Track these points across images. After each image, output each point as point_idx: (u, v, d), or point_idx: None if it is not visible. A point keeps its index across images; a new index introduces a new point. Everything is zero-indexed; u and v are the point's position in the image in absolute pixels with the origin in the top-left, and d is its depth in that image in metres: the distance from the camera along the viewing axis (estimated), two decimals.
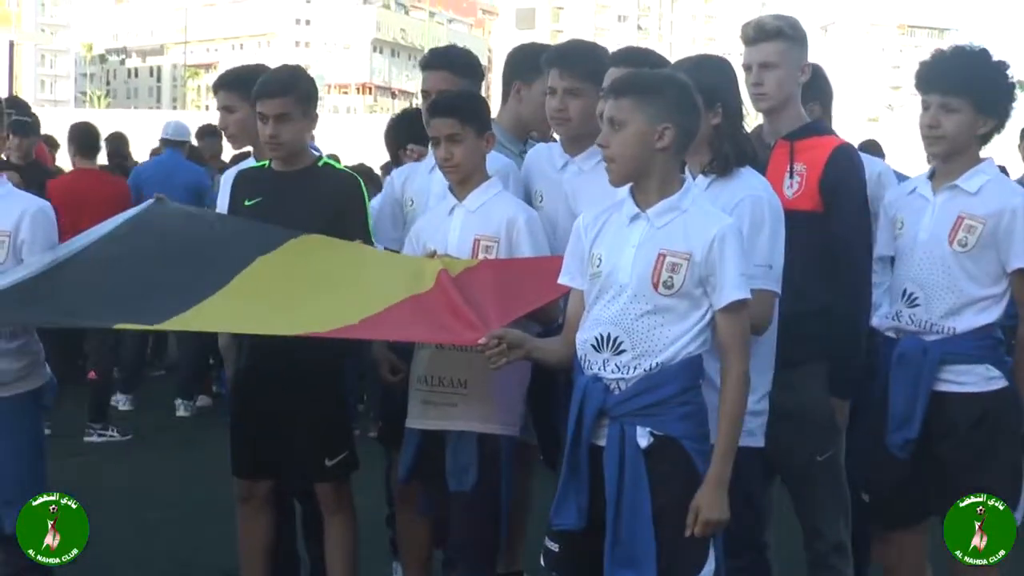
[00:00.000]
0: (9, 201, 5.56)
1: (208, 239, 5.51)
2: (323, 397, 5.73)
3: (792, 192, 5.35)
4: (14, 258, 5.43)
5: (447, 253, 5.30)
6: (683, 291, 4.34)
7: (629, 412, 4.34)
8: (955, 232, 4.99)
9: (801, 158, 5.43)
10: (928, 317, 5.03)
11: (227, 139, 6.73)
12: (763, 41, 5.55)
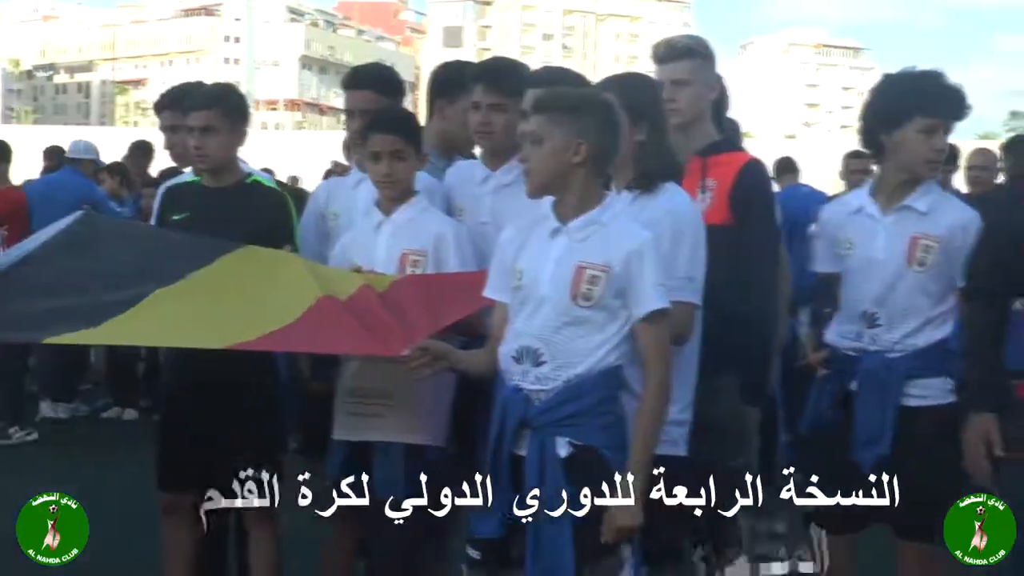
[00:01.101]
0: None
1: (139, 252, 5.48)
2: (247, 409, 5.70)
3: (704, 206, 5.37)
4: None
5: (373, 268, 5.30)
6: (602, 303, 4.36)
7: (549, 422, 4.36)
8: (913, 253, 5.05)
9: (712, 173, 5.48)
10: (891, 336, 5.10)
11: (173, 159, 6.70)
12: (674, 60, 5.64)
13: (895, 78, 5.33)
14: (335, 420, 5.38)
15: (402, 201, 5.43)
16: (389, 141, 5.35)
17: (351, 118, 6.07)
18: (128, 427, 12.08)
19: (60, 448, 11.05)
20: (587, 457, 4.35)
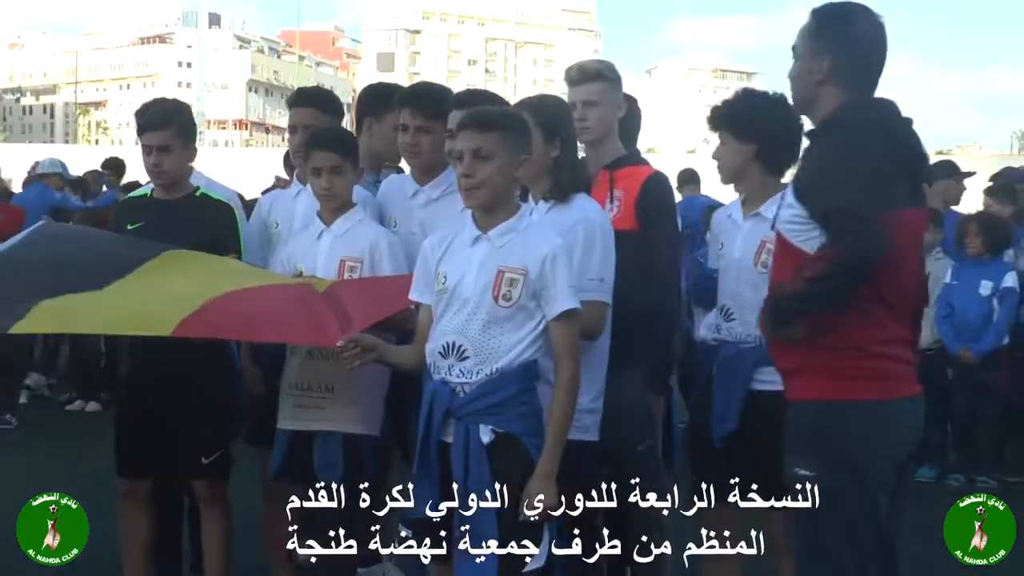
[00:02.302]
0: None
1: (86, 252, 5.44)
2: (200, 400, 5.66)
3: (612, 215, 5.40)
4: None
5: (315, 274, 5.29)
6: (520, 303, 4.38)
7: (473, 412, 4.36)
8: (759, 254, 5.12)
9: (619, 185, 5.52)
10: (742, 329, 5.17)
11: None
12: (586, 82, 5.66)
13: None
14: (280, 411, 5.37)
15: (341, 212, 5.43)
16: (329, 158, 5.35)
17: (294, 133, 6.06)
18: (91, 419, 11.83)
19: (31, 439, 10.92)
20: (507, 443, 4.35)
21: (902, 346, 4.12)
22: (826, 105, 4.20)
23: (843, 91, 4.17)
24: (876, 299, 4.01)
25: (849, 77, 4.17)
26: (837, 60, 4.17)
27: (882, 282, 3.98)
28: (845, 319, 3.99)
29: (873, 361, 4.04)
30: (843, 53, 4.17)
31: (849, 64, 4.17)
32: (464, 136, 4.45)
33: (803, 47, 4.26)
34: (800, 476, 4.10)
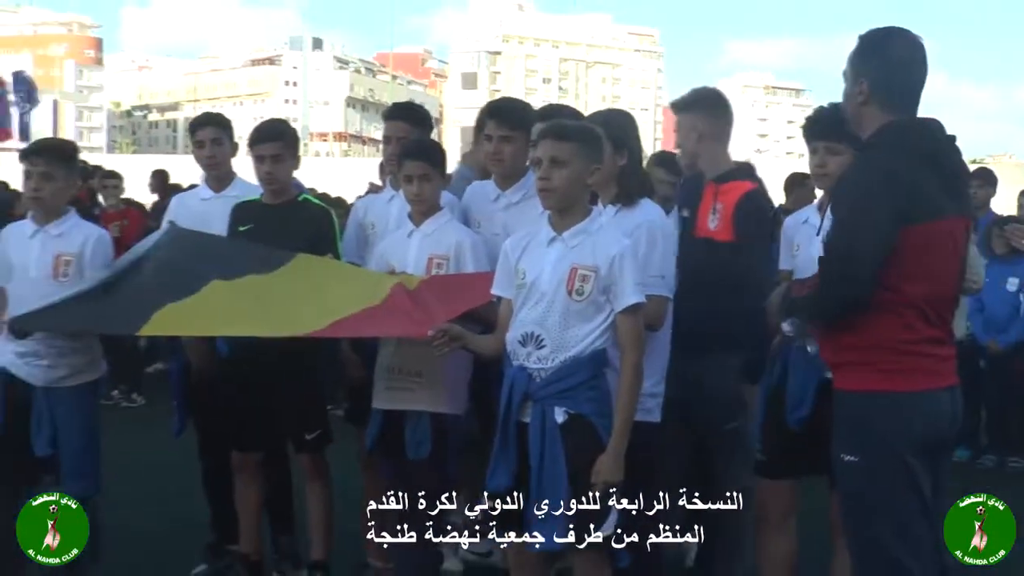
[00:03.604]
0: (79, 228, 5.54)
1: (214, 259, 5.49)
2: (301, 385, 5.73)
3: (713, 225, 5.42)
4: (79, 274, 5.39)
5: (405, 270, 5.30)
6: (591, 298, 4.39)
7: (548, 395, 4.38)
8: None
9: (721, 198, 5.49)
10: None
11: None
12: (688, 111, 5.73)
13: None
14: (374, 393, 5.38)
15: (429, 215, 5.43)
16: (419, 166, 5.36)
17: (388, 144, 6.09)
18: (131, 412, 11.52)
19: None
20: (579, 423, 4.37)
21: (935, 344, 4.02)
22: (869, 125, 4.12)
23: (884, 112, 4.08)
24: (908, 304, 3.94)
25: (888, 98, 4.08)
26: (875, 82, 4.10)
27: (915, 288, 3.92)
28: (880, 321, 3.94)
29: (906, 358, 3.96)
30: (879, 75, 4.09)
31: (886, 86, 4.09)
32: (543, 145, 4.47)
33: (848, 71, 4.20)
34: (844, 461, 4.05)
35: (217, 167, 6.30)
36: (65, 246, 5.43)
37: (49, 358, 5.36)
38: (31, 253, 5.43)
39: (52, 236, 5.44)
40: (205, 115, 6.55)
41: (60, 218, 5.49)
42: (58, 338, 5.34)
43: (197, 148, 6.37)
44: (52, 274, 5.39)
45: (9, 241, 5.56)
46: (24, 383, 5.38)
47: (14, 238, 5.56)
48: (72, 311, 5.19)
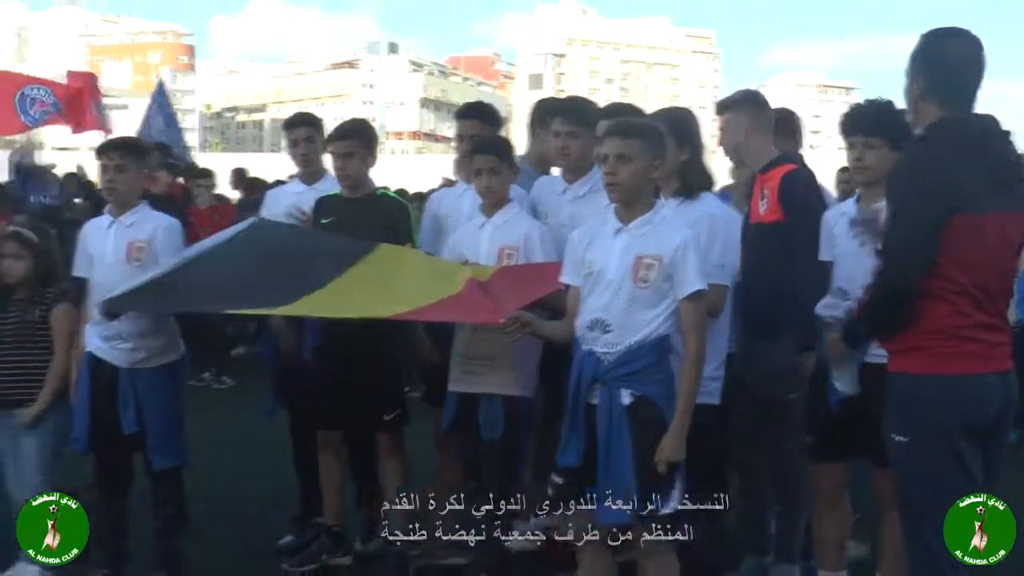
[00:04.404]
0: (150, 218, 5.59)
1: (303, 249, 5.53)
2: (380, 368, 5.74)
3: (763, 209, 5.38)
4: (151, 260, 5.45)
5: (477, 260, 5.29)
6: (655, 285, 4.37)
7: (615, 378, 4.36)
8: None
9: (767, 184, 5.43)
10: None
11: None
12: (719, 112, 5.68)
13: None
14: (450, 376, 5.37)
15: (500, 207, 5.42)
16: (489, 161, 5.35)
17: (460, 141, 6.09)
18: (220, 392, 11.45)
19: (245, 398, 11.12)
20: (644, 405, 4.35)
21: (986, 330, 3.91)
22: (924, 120, 4.04)
23: (938, 108, 3.99)
24: (959, 291, 3.84)
25: (942, 95, 3.99)
26: (929, 80, 4.02)
27: (964, 276, 3.83)
28: (932, 306, 3.85)
29: (956, 342, 3.86)
30: (936, 73, 4.00)
31: (940, 83, 3.99)
32: (609, 142, 4.45)
33: (908, 67, 4.13)
34: (894, 441, 3.97)
35: (309, 163, 6.37)
36: (137, 234, 5.51)
37: (132, 340, 5.42)
38: (107, 242, 5.53)
39: (125, 226, 5.53)
40: (299, 115, 6.60)
41: (133, 209, 5.56)
42: (140, 321, 5.40)
43: (292, 146, 6.44)
44: (126, 259, 5.46)
45: (88, 235, 5.67)
46: (110, 365, 5.44)
47: (92, 232, 5.67)
48: (159, 293, 5.25)
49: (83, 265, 5.61)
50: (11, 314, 5.66)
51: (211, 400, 10.57)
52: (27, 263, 5.64)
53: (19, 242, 5.68)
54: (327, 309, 5.27)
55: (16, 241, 5.68)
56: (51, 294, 5.68)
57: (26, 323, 5.64)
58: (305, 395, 5.99)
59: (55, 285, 5.72)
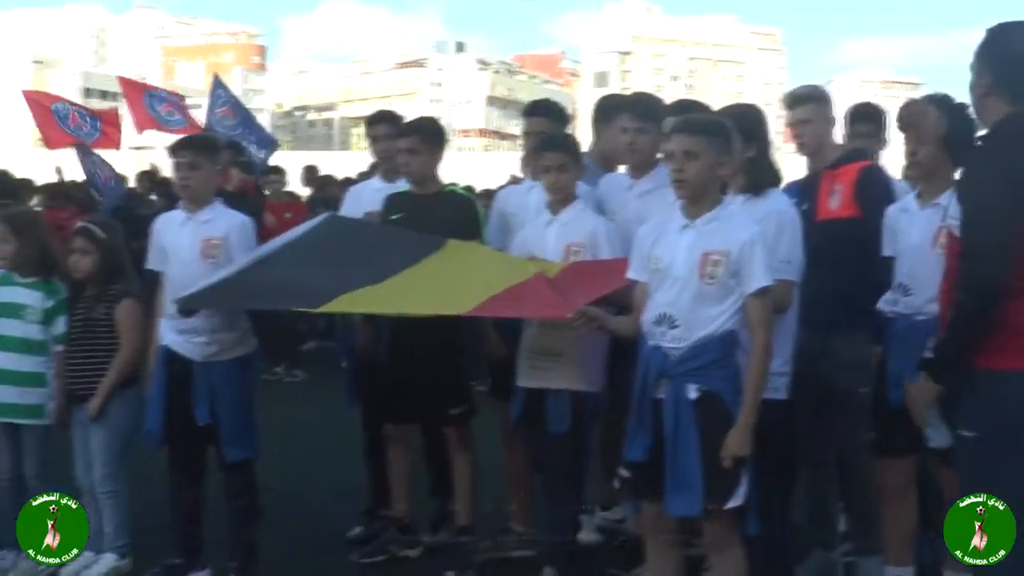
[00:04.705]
0: (224, 216, 5.63)
1: (373, 245, 5.56)
2: (448, 363, 5.76)
3: (835, 205, 5.33)
4: (226, 258, 5.49)
5: (544, 257, 5.28)
6: (722, 281, 4.33)
7: (681, 373, 4.33)
8: (937, 238, 4.86)
9: (839, 180, 5.38)
10: (919, 302, 4.90)
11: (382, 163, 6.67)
12: (799, 105, 5.60)
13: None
14: (518, 371, 5.37)
15: (566, 204, 5.40)
16: (557, 158, 5.34)
17: (527, 138, 6.09)
18: (292, 386, 11.51)
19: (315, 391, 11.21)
20: (711, 399, 4.31)
21: None
22: (991, 116, 3.96)
23: (1006, 104, 3.91)
24: None
25: (1010, 91, 3.91)
26: (997, 75, 3.94)
27: None
28: (1012, 304, 3.76)
29: None
30: (1002, 68, 3.92)
31: (1007, 79, 3.91)
32: (677, 139, 4.42)
33: (974, 63, 4.05)
34: (964, 436, 3.90)
35: (389, 160, 6.37)
36: (212, 231, 5.55)
37: (205, 334, 5.47)
38: (182, 239, 5.57)
39: (200, 222, 5.57)
40: (379, 113, 6.66)
41: (207, 206, 5.60)
42: (215, 316, 5.44)
43: (373, 143, 6.48)
44: (201, 256, 5.51)
45: (162, 230, 5.71)
46: (185, 359, 5.50)
47: (166, 226, 5.71)
48: (232, 291, 5.29)
49: (157, 258, 5.67)
50: (79, 310, 5.73)
51: (282, 394, 10.65)
52: (94, 259, 5.69)
53: (87, 237, 5.73)
54: (397, 305, 5.29)
55: (84, 237, 5.73)
56: (115, 290, 5.73)
57: (92, 319, 5.70)
58: (376, 390, 6.03)
59: (121, 281, 5.77)
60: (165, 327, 5.55)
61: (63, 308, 5.73)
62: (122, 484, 5.74)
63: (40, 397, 5.70)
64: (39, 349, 5.70)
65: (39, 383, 5.69)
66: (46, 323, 5.71)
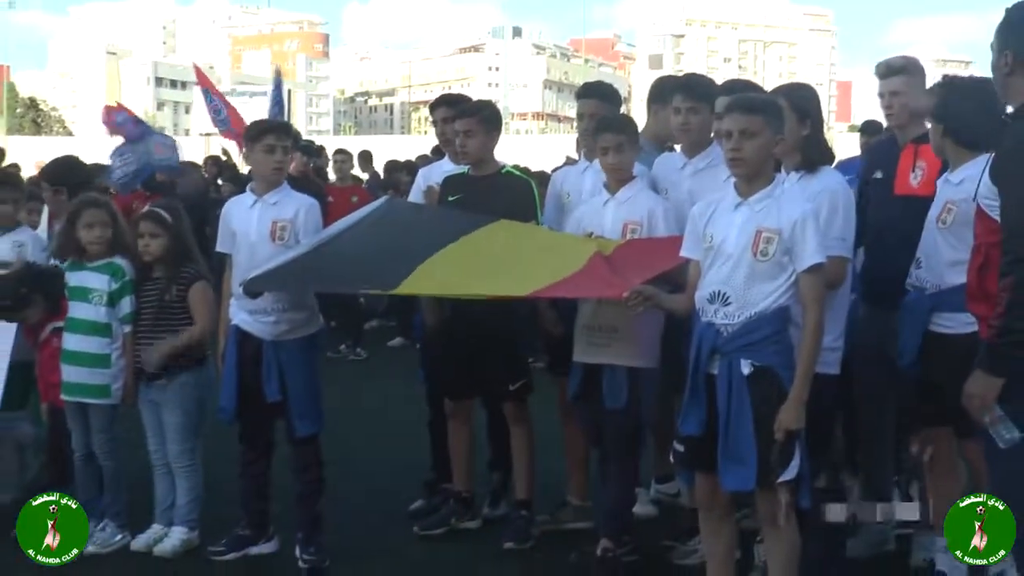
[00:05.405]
0: (291, 198, 5.65)
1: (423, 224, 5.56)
2: (506, 340, 5.75)
3: (916, 182, 5.24)
4: (293, 239, 5.51)
5: (603, 234, 5.25)
6: (775, 259, 4.28)
7: (735, 348, 4.29)
8: (941, 214, 4.80)
9: (922, 157, 5.27)
10: (928, 275, 4.85)
11: (442, 145, 6.67)
12: (892, 76, 5.49)
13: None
14: (575, 347, 5.35)
15: (624, 183, 5.36)
16: (614, 138, 5.30)
17: (581, 120, 6.03)
18: (351, 365, 11.40)
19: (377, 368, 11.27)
20: (764, 374, 4.27)
21: None
22: (1016, 94, 3.85)
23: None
24: None
25: None
26: (1019, 52, 3.83)
27: None
28: None
29: None
30: (1023, 45, 3.82)
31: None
32: (733, 118, 4.36)
33: (995, 43, 3.93)
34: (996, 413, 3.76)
35: (449, 143, 6.35)
36: (280, 213, 5.55)
37: (275, 314, 5.49)
38: (251, 221, 5.58)
39: (269, 205, 5.58)
40: (442, 97, 6.65)
41: (276, 189, 5.62)
42: (283, 297, 5.47)
43: (435, 126, 6.47)
44: (270, 237, 5.52)
45: (231, 213, 5.72)
46: (255, 338, 5.53)
47: (235, 209, 5.72)
48: (298, 273, 5.31)
49: (226, 241, 5.69)
50: (150, 293, 5.76)
51: (346, 371, 10.71)
52: (162, 241, 5.72)
53: (154, 221, 5.76)
54: (463, 287, 5.28)
55: (151, 220, 5.76)
56: (188, 273, 5.75)
57: (165, 301, 5.74)
58: (437, 366, 6.03)
59: (191, 265, 5.80)
60: (235, 307, 5.59)
61: (129, 289, 5.77)
62: (197, 459, 5.80)
63: (107, 377, 5.74)
64: (106, 331, 5.75)
65: (106, 364, 5.74)
66: (112, 305, 5.76)
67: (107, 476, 5.82)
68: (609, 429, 5.28)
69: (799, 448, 4.26)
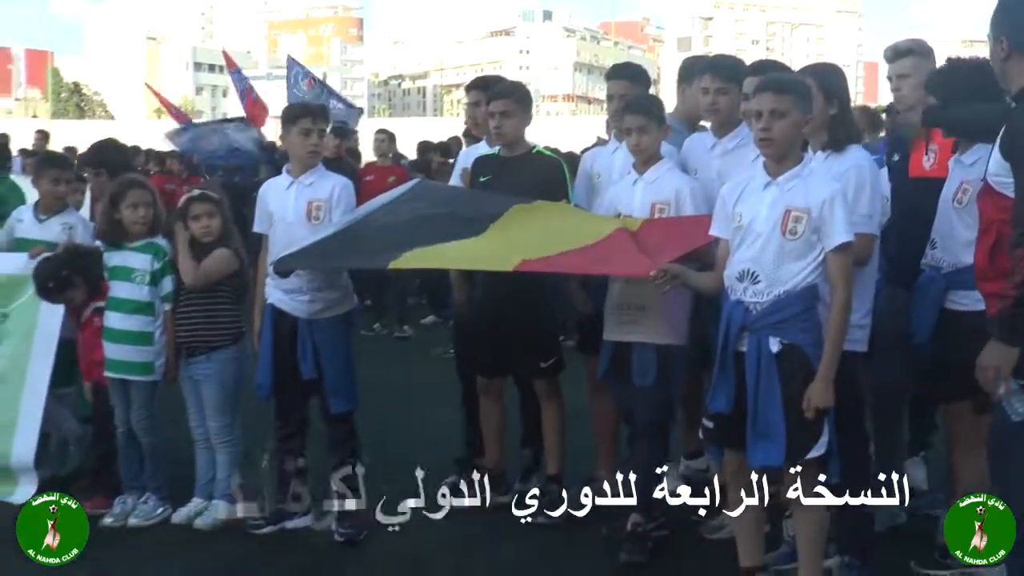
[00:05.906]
0: (326, 178, 5.66)
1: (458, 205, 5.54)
2: (537, 318, 5.73)
3: (928, 164, 5.16)
4: (328, 217, 5.53)
5: (631, 214, 5.23)
6: (803, 237, 4.25)
7: (764, 326, 4.26)
8: (957, 194, 4.76)
9: (935, 140, 5.19)
10: (943, 255, 4.82)
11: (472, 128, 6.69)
12: (900, 58, 5.42)
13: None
14: (604, 326, 5.34)
15: (651, 163, 5.33)
16: (639, 119, 5.27)
17: (611, 101, 6.00)
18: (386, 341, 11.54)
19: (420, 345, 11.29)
20: (792, 352, 4.24)
21: None
22: (1015, 79, 3.82)
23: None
24: None
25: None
26: (1013, 36, 3.78)
27: None
28: None
29: None
30: (1017, 28, 3.77)
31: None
32: (762, 98, 4.32)
33: (990, 30, 3.89)
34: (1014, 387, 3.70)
35: (477, 126, 6.33)
36: (316, 193, 5.59)
37: (309, 293, 5.52)
38: (287, 202, 5.62)
39: (305, 185, 5.60)
40: (477, 79, 6.68)
41: (311, 170, 5.62)
42: (316, 275, 5.47)
43: (470, 108, 6.46)
44: (306, 218, 5.54)
45: (268, 194, 5.76)
46: (291, 316, 5.55)
47: (272, 191, 5.76)
48: (324, 253, 5.31)
49: (263, 222, 5.72)
50: None
51: (379, 349, 10.73)
52: (218, 221, 5.76)
53: (210, 202, 5.79)
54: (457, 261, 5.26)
55: (207, 202, 5.79)
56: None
57: None
58: (469, 343, 6.02)
59: (232, 243, 5.81)
60: (271, 286, 5.61)
61: (169, 269, 5.80)
62: (237, 434, 5.83)
63: (148, 355, 5.78)
64: (147, 309, 5.78)
65: (147, 342, 5.78)
66: (154, 284, 5.78)
67: (146, 451, 5.87)
68: (639, 406, 5.26)
69: (828, 425, 4.23)
